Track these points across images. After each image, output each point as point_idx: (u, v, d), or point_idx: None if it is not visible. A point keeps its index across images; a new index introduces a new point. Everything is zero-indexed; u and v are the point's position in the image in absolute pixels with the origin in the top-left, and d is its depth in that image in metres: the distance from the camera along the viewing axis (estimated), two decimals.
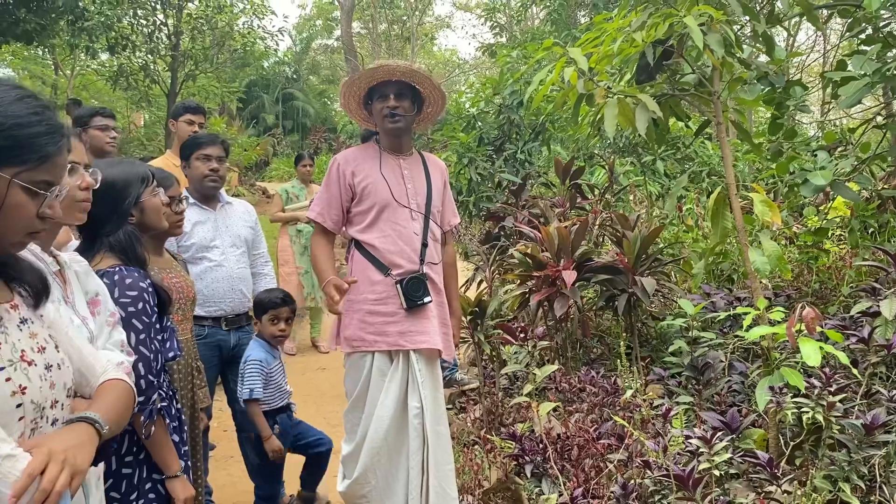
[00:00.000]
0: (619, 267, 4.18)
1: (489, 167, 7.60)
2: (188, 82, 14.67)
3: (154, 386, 1.98)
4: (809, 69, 17.08)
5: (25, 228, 1.29)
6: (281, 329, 3.35)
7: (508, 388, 4.34)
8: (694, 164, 8.43)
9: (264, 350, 3.32)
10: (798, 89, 3.94)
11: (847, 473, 2.50)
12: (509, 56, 8.65)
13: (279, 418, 3.32)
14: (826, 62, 13.18)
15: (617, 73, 4.16)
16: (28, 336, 1.36)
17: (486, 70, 26.08)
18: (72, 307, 1.73)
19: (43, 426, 1.36)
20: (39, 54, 18.36)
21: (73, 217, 1.77)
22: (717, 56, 3.02)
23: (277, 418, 3.32)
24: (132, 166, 2.16)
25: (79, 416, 1.42)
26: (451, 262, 3.27)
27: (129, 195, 2.08)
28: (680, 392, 3.55)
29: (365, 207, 2.94)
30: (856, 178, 3.94)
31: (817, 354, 2.53)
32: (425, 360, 2.93)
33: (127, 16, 12.43)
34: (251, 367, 3.24)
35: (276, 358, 3.37)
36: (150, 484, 2.05)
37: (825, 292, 4.73)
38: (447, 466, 2.93)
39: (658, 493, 2.64)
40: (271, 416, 3.29)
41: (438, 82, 2.99)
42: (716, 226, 3.33)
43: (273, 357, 3.34)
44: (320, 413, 5.03)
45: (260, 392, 3.23)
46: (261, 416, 3.24)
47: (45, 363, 1.36)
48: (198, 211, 3.46)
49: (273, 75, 25.74)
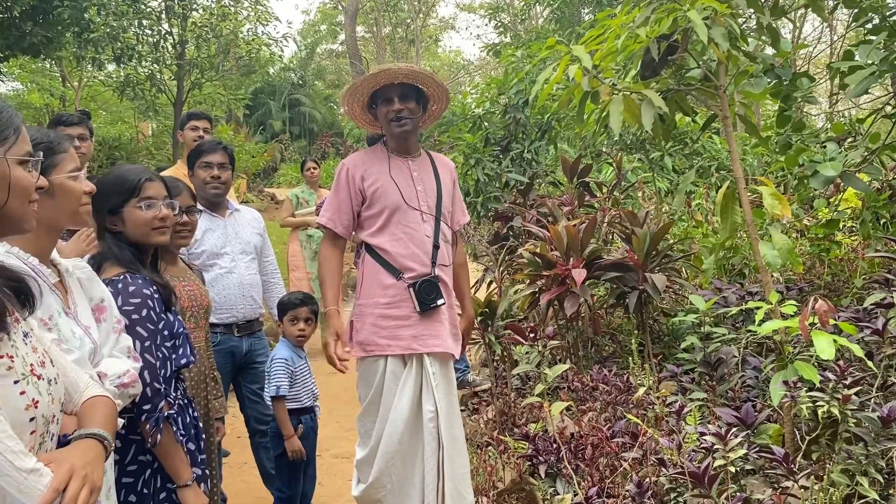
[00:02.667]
0: (629, 264, 4.16)
1: (496, 167, 7.59)
2: (194, 91, 14.72)
3: (160, 393, 1.97)
4: (816, 61, 16.99)
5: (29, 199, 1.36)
6: (300, 329, 3.43)
7: (520, 388, 4.33)
8: (702, 160, 8.39)
9: (289, 349, 3.38)
10: (805, 81, 3.90)
11: (864, 467, 2.48)
12: (514, 56, 8.64)
13: (303, 418, 3.37)
14: (833, 53, 13.11)
15: (622, 69, 4.14)
16: (31, 350, 1.36)
17: (491, 70, 26.07)
18: (73, 318, 1.72)
19: (46, 441, 1.36)
20: (47, 67, 18.47)
21: (82, 220, 1.78)
22: (722, 50, 3.00)
23: (302, 418, 3.37)
24: (124, 175, 2.12)
25: (88, 432, 1.43)
26: (462, 262, 3.26)
27: (106, 204, 2.05)
28: (693, 388, 3.53)
29: (375, 211, 2.94)
30: (866, 168, 3.90)
31: (831, 347, 2.50)
32: (439, 363, 2.92)
33: (132, 26, 12.47)
34: (277, 365, 3.31)
35: (301, 358, 3.43)
36: (165, 493, 2.05)
37: (838, 285, 4.69)
38: (463, 470, 2.92)
39: (674, 491, 2.62)
40: (296, 416, 3.34)
41: (440, 80, 2.99)
42: (725, 220, 3.30)
43: (298, 357, 3.41)
44: (333, 417, 5.04)
45: (286, 389, 3.28)
46: (286, 414, 3.29)
47: (47, 377, 1.37)
48: (207, 218, 3.47)
49: (279, 81, 25.83)
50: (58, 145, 1.72)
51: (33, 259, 1.66)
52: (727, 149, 6.40)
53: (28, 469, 1.23)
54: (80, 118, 3.74)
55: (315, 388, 3.47)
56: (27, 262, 1.64)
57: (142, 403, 1.92)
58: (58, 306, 1.67)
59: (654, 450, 2.91)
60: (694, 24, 2.85)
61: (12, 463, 1.21)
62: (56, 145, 1.72)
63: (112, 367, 1.76)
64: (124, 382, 1.76)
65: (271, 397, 3.29)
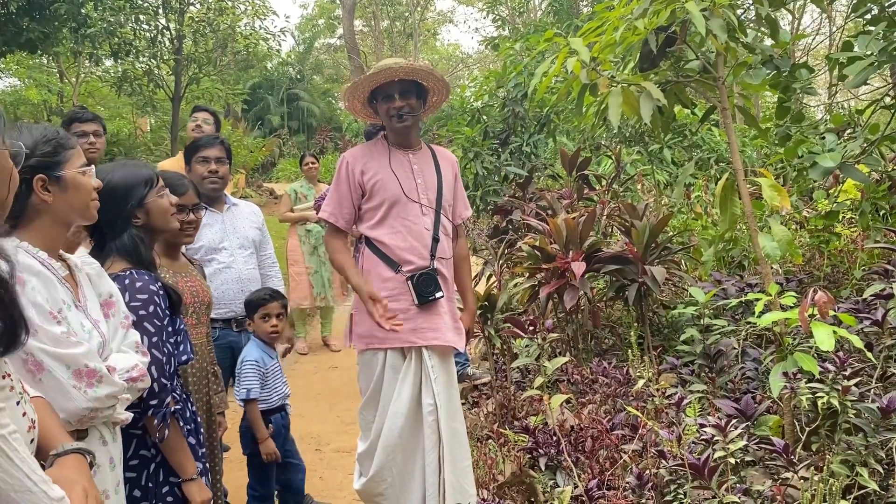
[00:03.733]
0: (629, 257, 4.16)
1: (495, 161, 7.59)
2: (192, 86, 14.69)
3: (167, 389, 1.98)
4: (815, 52, 16.95)
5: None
6: (273, 325, 3.32)
7: (520, 381, 4.33)
8: (701, 152, 8.38)
9: (260, 350, 3.31)
10: (804, 72, 3.89)
11: (864, 458, 2.48)
12: (512, 49, 8.62)
13: (273, 418, 3.34)
14: (832, 44, 13.07)
15: (620, 61, 4.13)
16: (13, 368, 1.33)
17: (490, 64, 26.01)
18: (83, 311, 1.74)
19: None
20: (44, 63, 18.44)
21: (92, 216, 1.79)
22: (721, 41, 2.99)
23: (272, 418, 3.33)
24: (136, 169, 2.15)
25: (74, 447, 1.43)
26: (464, 255, 3.25)
27: (132, 198, 2.07)
28: (693, 380, 3.53)
29: (375, 204, 2.94)
30: (865, 159, 3.90)
31: (831, 338, 2.50)
32: (438, 356, 2.92)
33: (129, 21, 12.44)
34: (247, 367, 3.25)
35: (272, 358, 3.36)
36: (168, 487, 2.06)
37: (837, 276, 4.69)
38: (464, 463, 2.92)
39: (673, 483, 2.63)
40: (266, 416, 3.31)
41: (440, 74, 2.98)
42: (724, 212, 3.30)
43: (270, 357, 3.34)
44: (333, 412, 5.04)
45: (257, 392, 3.24)
46: (258, 417, 3.25)
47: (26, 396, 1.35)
48: (205, 213, 3.47)
49: (277, 76, 25.76)
50: (66, 141, 1.73)
51: (42, 253, 1.67)
52: (726, 141, 6.40)
53: (58, 498, 1.23)
54: (94, 115, 3.91)
55: (286, 387, 3.42)
56: (36, 256, 1.64)
57: (149, 399, 1.93)
58: (67, 299, 1.68)
59: (653, 442, 2.92)
60: (692, 16, 2.84)
61: (47, 493, 1.21)
62: (65, 141, 1.73)
63: (121, 361, 1.77)
64: (133, 377, 1.77)
65: (242, 400, 3.24)
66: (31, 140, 1.66)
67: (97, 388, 1.65)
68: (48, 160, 1.67)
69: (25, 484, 1.18)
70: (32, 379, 1.55)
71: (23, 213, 1.66)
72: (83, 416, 1.64)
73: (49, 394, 1.57)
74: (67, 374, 1.60)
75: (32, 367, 1.56)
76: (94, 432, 1.73)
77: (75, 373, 1.61)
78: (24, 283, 1.57)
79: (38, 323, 1.56)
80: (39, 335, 1.56)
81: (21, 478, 1.18)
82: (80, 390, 1.62)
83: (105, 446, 1.76)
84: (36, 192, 1.65)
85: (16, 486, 1.17)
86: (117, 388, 1.70)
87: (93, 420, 1.69)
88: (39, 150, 1.66)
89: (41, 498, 1.20)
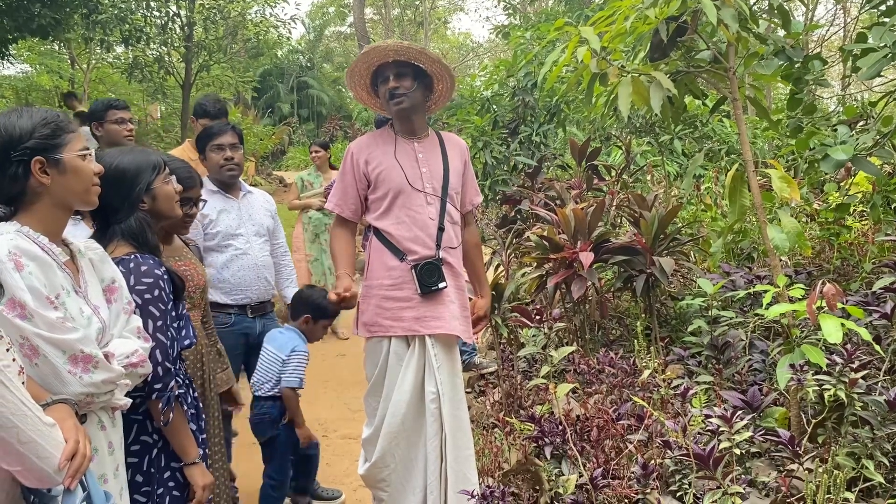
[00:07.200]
0: (637, 247, 4.15)
1: (504, 150, 7.57)
2: (202, 73, 14.69)
3: (171, 373, 1.99)
4: (829, 43, 16.79)
5: None
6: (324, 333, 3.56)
7: (527, 370, 4.34)
8: (712, 143, 8.34)
9: (304, 343, 3.43)
10: (817, 63, 3.86)
11: (870, 450, 2.48)
12: (523, 37, 8.58)
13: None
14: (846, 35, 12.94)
15: (630, 51, 4.11)
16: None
17: (501, 53, 25.90)
18: (83, 297, 1.74)
19: None
20: (56, 49, 18.47)
21: (92, 201, 1.80)
22: (732, 31, 2.97)
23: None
24: (144, 154, 2.16)
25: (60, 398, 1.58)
26: (476, 242, 3.25)
27: (139, 182, 2.08)
28: (700, 372, 3.53)
29: (380, 194, 2.94)
30: (877, 152, 3.87)
31: (839, 331, 2.50)
32: (442, 345, 2.93)
33: (140, 8, 12.45)
34: (300, 358, 3.35)
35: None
36: (170, 472, 2.07)
37: (847, 269, 4.67)
38: (467, 451, 2.94)
39: (678, 473, 2.63)
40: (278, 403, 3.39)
41: (435, 54, 2.95)
42: (734, 204, 3.28)
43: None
44: (341, 399, 5.07)
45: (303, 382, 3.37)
46: (298, 405, 3.35)
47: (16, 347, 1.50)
48: (222, 199, 3.49)
49: (287, 64, 25.74)
50: (66, 125, 1.74)
51: (43, 238, 1.67)
52: (737, 132, 6.36)
53: (50, 423, 1.44)
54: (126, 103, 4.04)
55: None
56: (37, 240, 1.65)
57: (153, 383, 1.94)
58: (66, 285, 1.68)
59: (659, 432, 2.92)
60: (703, 6, 2.82)
61: (40, 419, 1.40)
62: (65, 125, 1.73)
63: (120, 347, 1.77)
64: (132, 362, 1.77)
65: (289, 388, 3.31)
66: (31, 123, 1.67)
67: (93, 374, 1.65)
68: (47, 142, 1.68)
69: (21, 409, 1.35)
70: (28, 364, 1.57)
71: (22, 197, 1.67)
72: (79, 400, 1.65)
73: (45, 379, 1.59)
74: (63, 359, 1.61)
75: (28, 351, 1.57)
76: (92, 417, 1.74)
77: (71, 358, 1.62)
78: (21, 267, 1.58)
79: (34, 308, 1.57)
80: (35, 320, 1.57)
81: (17, 402, 1.35)
82: (76, 375, 1.63)
83: (103, 431, 1.77)
84: (34, 175, 1.66)
85: (12, 409, 1.34)
86: (114, 374, 1.70)
87: (90, 405, 1.70)
88: (38, 133, 1.67)
89: (35, 422, 1.38)
